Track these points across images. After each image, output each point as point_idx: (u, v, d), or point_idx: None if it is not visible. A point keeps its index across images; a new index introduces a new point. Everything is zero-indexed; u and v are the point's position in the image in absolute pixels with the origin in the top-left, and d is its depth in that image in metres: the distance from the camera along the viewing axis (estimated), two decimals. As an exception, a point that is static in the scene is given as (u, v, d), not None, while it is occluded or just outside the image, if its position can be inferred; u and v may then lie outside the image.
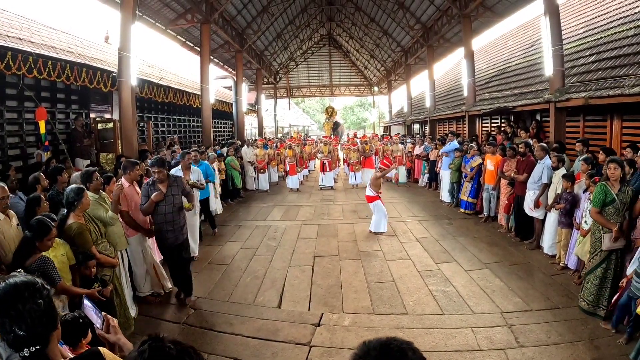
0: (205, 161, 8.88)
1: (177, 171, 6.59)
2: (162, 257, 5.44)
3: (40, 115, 7.55)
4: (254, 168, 13.21)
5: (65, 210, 3.84)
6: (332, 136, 20.10)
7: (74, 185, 3.94)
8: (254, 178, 13.34)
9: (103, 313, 1.86)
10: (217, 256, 6.92)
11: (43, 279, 1.57)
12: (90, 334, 2.12)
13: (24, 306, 1.42)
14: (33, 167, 7.09)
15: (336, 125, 25.91)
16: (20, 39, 7.61)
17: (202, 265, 6.42)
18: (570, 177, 5.78)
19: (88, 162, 8.99)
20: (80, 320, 2.10)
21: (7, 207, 3.72)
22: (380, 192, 8.17)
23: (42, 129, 7.56)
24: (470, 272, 5.83)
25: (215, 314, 4.81)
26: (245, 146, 13.55)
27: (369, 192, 8.14)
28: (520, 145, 7.34)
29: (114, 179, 5.34)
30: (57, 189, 5.10)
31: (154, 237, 5.15)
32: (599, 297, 4.33)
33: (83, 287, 3.46)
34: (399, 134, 19.61)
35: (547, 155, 6.59)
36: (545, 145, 6.87)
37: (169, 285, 5.36)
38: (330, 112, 26.29)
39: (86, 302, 1.90)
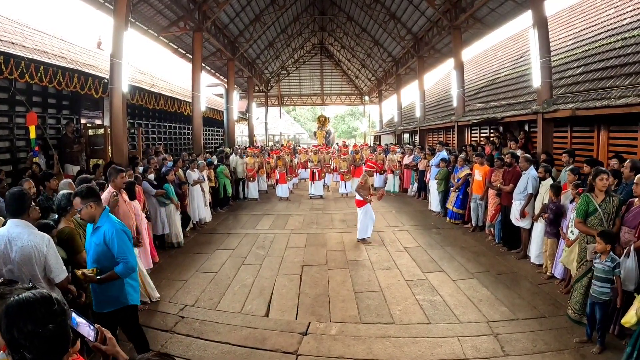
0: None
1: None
2: (149, 266, 5.39)
3: (30, 120, 7.51)
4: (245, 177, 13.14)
5: (57, 215, 3.89)
6: (323, 144, 20.14)
7: (65, 191, 3.99)
8: (243, 185, 13.27)
9: (97, 325, 1.84)
10: (205, 264, 6.88)
11: None
12: (78, 344, 2.10)
13: (35, 328, 1.30)
14: (23, 172, 7.08)
15: (327, 134, 25.94)
16: (12, 43, 7.61)
17: (190, 273, 6.39)
18: (555, 188, 5.87)
19: (78, 168, 8.92)
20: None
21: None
22: (371, 197, 8.09)
23: (32, 134, 7.52)
24: (458, 282, 5.88)
25: (202, 322, 4.79)
26: (233, 154, 13.50)
27: (358, 196, 8.10)
28: (506, 156, 7.41)
29: (106, 185, 5.35)
30: (46, 195, 5.08)
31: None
32: (585, 306, 4.38)
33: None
34: (388, 144, 19.71)
35: (532, 166, 6.70)
36: (529, 156, 6.96)
37: (156, 294, 5.33)
38: (322, 121, 26.29)
39: (77, 318, 1.85)
